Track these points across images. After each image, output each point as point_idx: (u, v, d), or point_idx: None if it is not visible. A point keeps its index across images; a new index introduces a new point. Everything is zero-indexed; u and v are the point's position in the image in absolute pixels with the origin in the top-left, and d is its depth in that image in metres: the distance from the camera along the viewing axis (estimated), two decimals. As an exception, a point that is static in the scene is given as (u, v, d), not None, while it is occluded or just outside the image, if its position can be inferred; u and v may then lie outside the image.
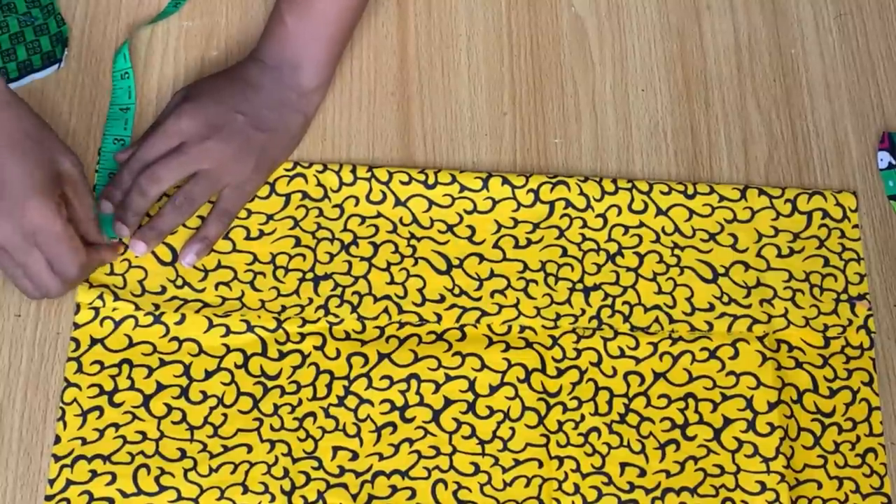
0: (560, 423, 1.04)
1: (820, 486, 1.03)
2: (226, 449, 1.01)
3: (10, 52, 1.13)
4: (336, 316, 1.06)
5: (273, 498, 0.99)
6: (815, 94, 1.20)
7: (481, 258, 1.09)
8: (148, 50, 1.17)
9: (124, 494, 0.99)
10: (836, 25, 1.24)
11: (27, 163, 0.96)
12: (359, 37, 1.19)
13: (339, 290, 1.07)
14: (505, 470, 1.02)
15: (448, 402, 1.04)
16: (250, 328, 1.05)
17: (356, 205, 1.10)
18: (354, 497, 1.00)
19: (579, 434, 1.03)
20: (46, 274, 0.99)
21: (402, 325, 1.06)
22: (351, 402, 1.03)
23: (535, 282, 1.08)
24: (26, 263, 0.98)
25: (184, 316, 1.05)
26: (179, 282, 1.06)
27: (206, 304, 1.06)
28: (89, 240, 1.03)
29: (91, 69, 1.15)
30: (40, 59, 1.14)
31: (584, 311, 1.08)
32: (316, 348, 1.04)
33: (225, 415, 1.02)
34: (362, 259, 1.08)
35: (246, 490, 1.00)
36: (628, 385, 1.05)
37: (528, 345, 1.06)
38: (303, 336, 1.05)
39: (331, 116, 1.15)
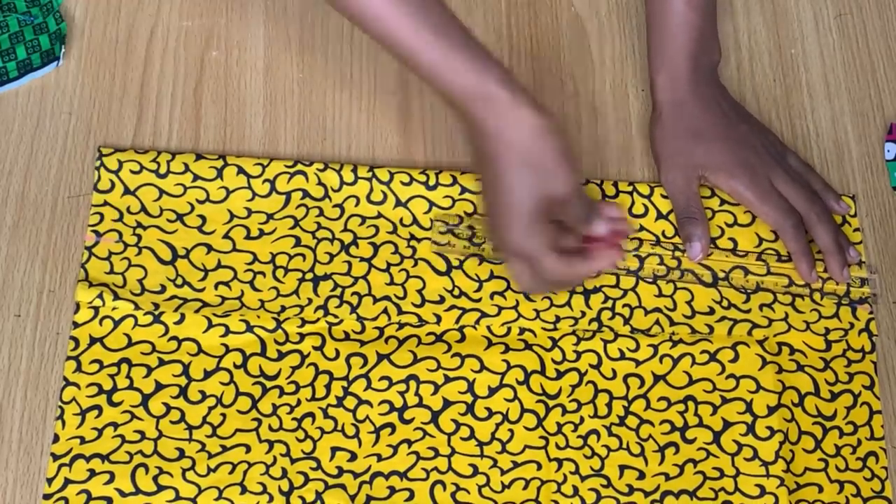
0: (559, 426, 1.03)
1: (821, 489, 1.03)
2: (224, 449, 1.01)
3: (10, 51, 1.13)
4: (335, 316, 1.06)
5: (271, 498, 0.99)
6: (815, 94, 1.20)
7: (481, 259, 1.09)
8: (148, 50, 1.17)
9: (122, 494, 0.99)
10: (836, 25, 1.24)
11: (527, 185, 1.00)
12: (359, 37, 1.18)
13: (339, 290, 1.07)
14: (503, 472, 1.02)
15: (447, 404, 1.03)
16: (249, 328, 1.05)
17: (356, 205, 1.10)
18: (353, 498, 1.00)
19: (578, 436, 1.03)
20: (533, 281, 1.04)
21: (401, 325, 1.06)
22: (350, 402, 1.03)
23: (536, 284, 1.08)
24: (518, 270, 1.04)
25: (183, 315, 1.05)
26: (179, 281, 1.06)
27: (205, 304, 1.06)
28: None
29: (91, 69, 1.15)
30: (40, 58, 1.14)
31: (584, 314, 1.07)
32: (315, 349, 1.04)
33: (223, 415, 1.02)
34: (362, 259, 1.08)
35: (244, 490, 0.99)
36: (628, 387, 1.05)
37: (528, 346, 1.06)
38: (302, 336, 1.05)
39: (331, 116, 1.15)
